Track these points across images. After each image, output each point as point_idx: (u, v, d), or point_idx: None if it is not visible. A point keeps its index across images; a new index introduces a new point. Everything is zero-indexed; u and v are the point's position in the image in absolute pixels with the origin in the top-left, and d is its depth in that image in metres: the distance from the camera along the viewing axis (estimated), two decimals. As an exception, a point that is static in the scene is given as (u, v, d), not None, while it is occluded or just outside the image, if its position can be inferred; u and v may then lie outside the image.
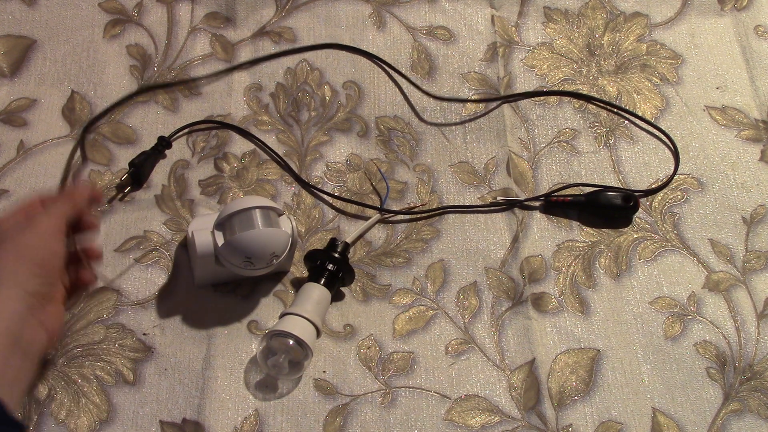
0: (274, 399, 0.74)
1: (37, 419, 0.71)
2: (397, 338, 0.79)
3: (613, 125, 0.93)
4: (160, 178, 0.84)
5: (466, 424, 0.75)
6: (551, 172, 0.89)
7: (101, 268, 0.77)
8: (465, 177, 0.88)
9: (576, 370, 0.79)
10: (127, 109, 0.88)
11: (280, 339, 0.72)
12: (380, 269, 0.82)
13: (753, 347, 0.81)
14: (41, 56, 0.90)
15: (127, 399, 0.73)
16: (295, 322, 0.73)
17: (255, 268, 0.73)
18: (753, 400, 0.78)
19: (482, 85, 0.94)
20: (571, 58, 0.97)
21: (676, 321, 0.82)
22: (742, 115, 0.95)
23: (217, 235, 0.73)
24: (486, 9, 0.99)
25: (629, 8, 1.02)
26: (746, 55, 0.99)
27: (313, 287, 0.76)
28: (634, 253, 0.85)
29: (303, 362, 0.73)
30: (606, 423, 0.76)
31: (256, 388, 0.75)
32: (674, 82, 0.97)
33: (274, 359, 0.73)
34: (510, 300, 0.81)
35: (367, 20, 0.96)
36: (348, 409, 0.75)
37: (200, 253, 0.73)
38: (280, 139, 0.88)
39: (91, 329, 0.76)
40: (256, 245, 0.72)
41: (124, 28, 0.92)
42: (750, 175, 0.91)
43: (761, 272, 0.86)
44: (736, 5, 1.03)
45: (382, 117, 0.91)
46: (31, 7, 0.93)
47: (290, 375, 0.74)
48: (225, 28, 0.94)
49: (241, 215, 0.73)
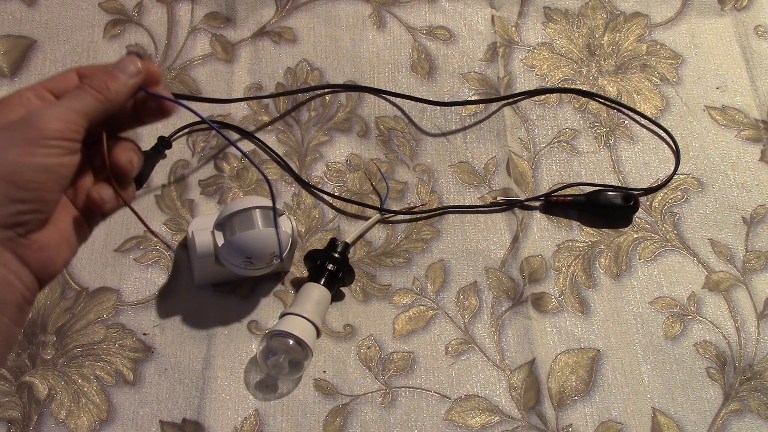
0: (274, 399, 0.74)
1: (37, 419, 0.71)
2: (397, 338, 0.79)
3: (613, 125, 0.93)
4: (160, 178, 0.84)
5: (466, 424, 0.75)
6: (551, 172, 0.89)
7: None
8: (465, 177, 0.88)
9: (576, 370, 0.79)
10: (127, 109, 0.88)
11: (280, 339, 0.72)
12: (380, 269, 0.82)
13: (753, 347, 0.81)
14: (41, 56, 0.90)
15: (127, 399, 0.73)
16: (295, 322, 0.73)
17: (255, 268, 0.73)
18: (753, 400, 0.78)
19: (482, 85, 0.94)
20: (571, 58, 0.97)
21: (676, 321, 0.82)
22: (742, 115, 0.95)
23: (217, 235, 0.73)
24: (486, 9, 0.99)
25: (629, 8, 1.02)
26: (746, 55, 0.99)
27: (313, 287, 0.76)
28: (634, 253, 0.85)
29: (303, 362, 0.73)
30: (606, 423, 0.76)
31: (257, 388, 0.75)
32: (674, 82, 0.97)
33: (274, 359, 0.73)
34: (510, 300, 0.81)
35: (367, 20, 0.96)
36: (348, 409, 0.75)
37: (200, 253, 0.73)
38: (280, 139, 0.88)
39: (91, 329, 0.76)
40: (256, 245, 0.72)
41: (124, 28, 0.92)
42: (750, 175, 0.91)
43: (761, 272, 0.86)
44: (736, 5, 1.03)
45: (382, 117, 0.91)
46: (31, 7, 0.93)
47: (290, 375, 0.74)
48: (225, 28, 0.94)
49: (241, 215, 0.73)
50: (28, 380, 0.73)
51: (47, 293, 0.76)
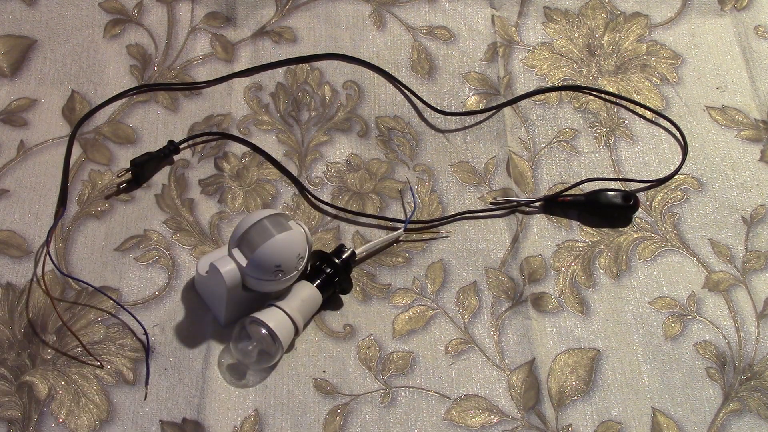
0: (273, 399, 0.75)
1: (37, 419, 0.71)
2: (396, 338, 0.79)
3: (614, 125, 0.93)
4: (160, 177, 0.84)
5: (466, 424, 0.75)
6: (551, 172, 0.89)
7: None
8: (465, 177, 0.88)
9: (576, 370, 0.79)
10: (127, 109, 0.88)
11: (255, 327, 0.73)
12: (380, 269, 0.82)
13: (753, 347, 0.81)
14: (41, 56, 0.90)
15: (127, 399, 0.73)
16: (275, 315, 0.73)
17: (285, 276, 0.72)
18: (753, 400, 0.78)
19: (482, 85, 0.94)
20: (571, 58, 0.97)
21: (676, 321, 0.82)
22: (742, 115, 0.95)
23: (237, 257, 0.71)
24: (486, 9, 0.99)
25: (629, 8, 1.02)
26: (746, 55, 0.99)
27: (305, 286, 0.76)
28: (634, 253, 0.85)
29: (273, 355, 0.74)
30: (606, 423, 0.76)
31: (226, 370, 0.74)
32: (674, 82, 0.97)
33: (244, 345, 0.73)
34: (510, 300, 0.81)
35: (367, 20, 0.97)
36: (348, 409, 0.75)
37: (229, 283, 0.71)
38: (280, 139, 0.88)
39: (91, 329, 0.76)
40: (281, 250, 0.71)
41: (124, 28, 0.93)
42: (750, 175, 0.91)
43: (761, 272, 0.86)
44: (736, 5, 1.03)
45: (382, 117, 0.91)
46: (31, 7, 0.93)
47: (257, 365, 0.74)
48: (225, 27, 0.94)
49: (255, 228, 0.72)
50: (28, 380, 0.73)
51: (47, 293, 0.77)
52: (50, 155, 0.84)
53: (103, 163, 0.84)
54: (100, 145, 0.85)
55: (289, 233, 0.72)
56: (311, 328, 0.78)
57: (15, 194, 0.82)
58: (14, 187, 0.82)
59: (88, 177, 0.83)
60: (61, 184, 0.82)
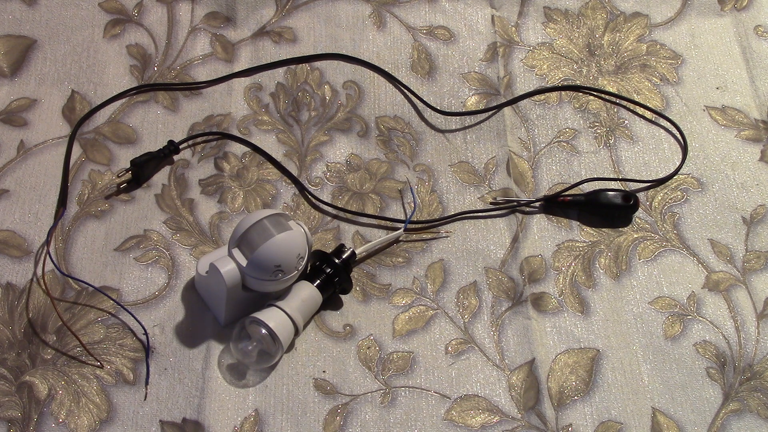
0: (273, 399, 0.75)
1: (37, 419, 0.71)
2: (396, 338, 0.79)
3: (613, 125, 0.93)
4: (160, 177, 0.84)
5: (466, 424, 0.75)
6: (551, 172, 0.89)
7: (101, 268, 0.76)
8: (465, 177, 0.88)
9: (576, 370, 0.79)
10: (127, 109, 0.88)
11: (255, 327, 0.73)
12: (380, 269, 0.82)
13: (753, 347, 0.81)
14: (41, 56, 0.90)
15: (127, 399, 0.73)
16: (275, 315, 0.73)
17: (285, 276, 0.72)
18: (753, 400, 0.78)
19: (482, 85, 0.94)
20: (571, 58, 0.97)
21: (676, 321, 0.82)
22: (742, 115, 0.95)
23: (237, 257, 0.71)
24: (486, 9, 0.99)
25: (629, 8, 1.02)
26: (746, 55, 0.99)
27: (304, 286, 0.76)
28: (634, 253, 0.85)
29: (273, 355, 0.74)
30: (606, 423, 0.76)
31: (226, 370, 0.74)
32: (674, 82, 0.97)
33: (244, 345, 0.73)
34: (510, 300, 0.81)
35: (367, 20, 0.97)
36: (348, 409, 0.75)
37: (229, 283, 0.71)
38: (280, 139, 0.88)
39: (91, 329, 0.76)
40: (281, 250, 0.71)
41: (124, 28, 0.93)
42: (750, 175, 0.91)
43: (761, 272, 0.86)
44: (736, 5, 1.03)
45: (382, 117, 0.91)
46: (31, 7, 0.93)
47: (257, 365, 0.74)
48: (225, 27, 0.94)
49: (255, 229, 0.72)
50: (28, 380, 0.73)
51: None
52: (50, 155, 0.84)
53: (103, 163, 0.84)
54: (100, 145, 0.85)
55: (289, 233, 0.72)
56: (311, 328, 0.78)
57: (15, 194, 0.82)
58: (14, 187, 0.82)
59: (88, 177, 0.83)
60: (61, 184, 0.82)
